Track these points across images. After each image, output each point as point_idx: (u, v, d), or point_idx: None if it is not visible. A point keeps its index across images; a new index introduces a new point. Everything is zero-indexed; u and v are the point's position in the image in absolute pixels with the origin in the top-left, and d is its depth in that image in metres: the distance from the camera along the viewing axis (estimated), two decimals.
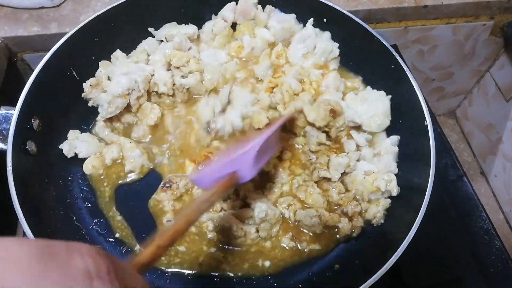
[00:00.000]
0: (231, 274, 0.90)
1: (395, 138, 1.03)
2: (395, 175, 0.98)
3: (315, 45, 1.14)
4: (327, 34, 1.16)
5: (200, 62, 1.08)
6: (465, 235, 1.10)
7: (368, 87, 1.12)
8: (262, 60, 1.12)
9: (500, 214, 1.66)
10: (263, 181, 0.98)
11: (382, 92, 1.08)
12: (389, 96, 1.06)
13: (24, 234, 0.78)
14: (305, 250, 0.93)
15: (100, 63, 1.05)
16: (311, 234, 0.94)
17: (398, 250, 0.80)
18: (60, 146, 0.97)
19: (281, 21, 1.17)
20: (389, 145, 1.01)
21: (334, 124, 1.02)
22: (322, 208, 0.94)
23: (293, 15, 1.18)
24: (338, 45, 1.15)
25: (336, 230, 0.94)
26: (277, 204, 0.96)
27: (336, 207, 0.96)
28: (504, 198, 1.67)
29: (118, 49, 1.09)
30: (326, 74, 1.12)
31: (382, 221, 0.95)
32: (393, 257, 0.79)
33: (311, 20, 1.16)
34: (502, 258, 1.07)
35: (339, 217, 0.93)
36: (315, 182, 0.99)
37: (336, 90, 1.10)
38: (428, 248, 1.01)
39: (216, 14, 1.18)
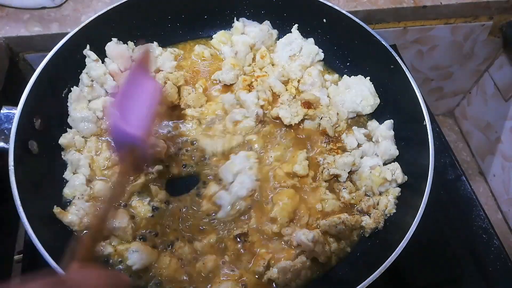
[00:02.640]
0: None
1: (389, 123, 1.05)
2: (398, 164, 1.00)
3: (301, 47, 1.17)
4: (311, 40, 1.19)
5: None
6: (464, 234, 1.10)
7: (345, 76, 1.15)
8: (224, 65, 1.13)
9: (498, 214, 1.67)
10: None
11: (360, 76, 1.12)
12: (368, 77, 1.11)
13: (26, 233, 0.78)
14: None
15: None
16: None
17: (401, 243, 0.80)
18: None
19: (257, 26, 1.19)
20: (385, 130, 1.04)
21: (315, 114, 1.05)
22: (343, 212, 0.95)
23: (267, 22, 1.20)
24: (322, 50, 1.18)
25: (361, 230, 0.95)
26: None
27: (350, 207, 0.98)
28: (503, 198, 1.67)
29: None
30: (309, 72, 1.13)
31: (394, 210, 0.95)
32: (394, 253, 0.79)
33: (296, 26, 1.18)
34: (501, 257, 1.07)
35: (360, 216, 0.95)
36: (325, 181, 1.00)
37: (321, 86, 1.13)
38: (427, 247, 1.02)
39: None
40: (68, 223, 0.88)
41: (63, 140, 0.97)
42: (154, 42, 1.15)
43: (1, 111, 0.89)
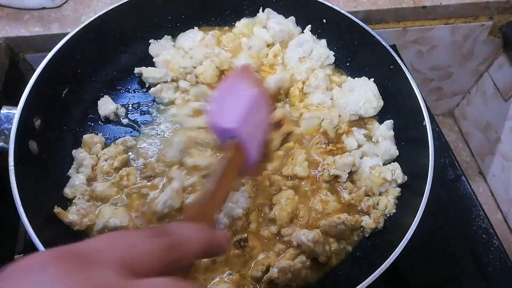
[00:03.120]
0: None
1: (389, 123, 1.05)
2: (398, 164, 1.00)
3: (312, 50, 1.16)
4: (324, 42, 1.18)
5: None
6: (463, 234, 1.10)
7: (349, 78, 1.15)
8: (240, 54, 1.13)
9: (498, 214, 1.67)
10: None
11: (364, 78, 1.12)
12: (372, 79, 1.11)
13: (26, 233, 0.78)
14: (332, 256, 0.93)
15: None
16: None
17: (401, 243, 0.80)
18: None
19: (279, 23, 1.19)
20: (385, 130, 1.04)
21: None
22: (343, 213, 0.94)
23: (292, 18, 1.19)
24: (333, 52, 1.18)
25: (361, 230, 0.95)
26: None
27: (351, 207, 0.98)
28: (503, 198, 1.67)
29: None
30: (316, 74, 1.13)
31: (394, 210, 0.95)
32: (394, 252, 0.79)
33: (309, 26, 1.18)
34: (501, 257, 1.08)
35: (360, 216, 0.95)
36: (326, 182, 1.00)
37: (326, 89, 1.12)
38: (427, 247, 1.02)
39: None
40: (69, 223, 0.88)
41: (87, 137, 0.99)
42: (195, 27, 1.16)
43: (1, 111, 0.89)
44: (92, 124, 1.05)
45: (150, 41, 1.15)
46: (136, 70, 1.11)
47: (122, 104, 1.09)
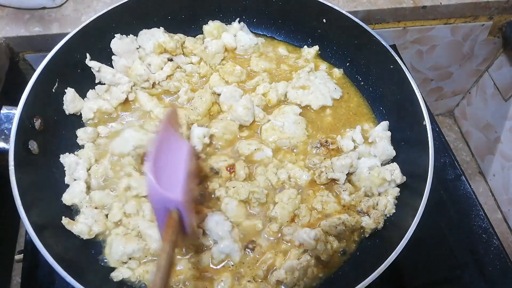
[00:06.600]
0: None
1: (384, 124, 1.05)
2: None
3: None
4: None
5: None
6: (463, 234, 1.10)
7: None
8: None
9: (498, 213, 1.67)
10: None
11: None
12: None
13: (26, 233, 0.78)
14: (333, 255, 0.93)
15: None
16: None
17: (401, 243, 0.80)
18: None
19: (250, 39, 1.19)
20: (381, 131, 1.04)
21: None
22: (343, 213, 0.95)
23: (261, 39, 1.21)
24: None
25: (361, 230, 0.95)
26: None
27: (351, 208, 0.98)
28: (503, 198, 1.67)
29: None
30: None
31: (393, 210, 0.95)
32: (394, 252, 0.79)
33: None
34: (500, 256, 1.08)
35: (360, 217, 0.95)
36: (323, 184, 0.99)
37: None
38: (427, 246, 1.02)
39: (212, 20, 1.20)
40: (79, 232, 0.87)
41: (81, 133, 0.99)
42: (161, 27, 1.14)
43: (1, 111, 0.89)
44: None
45: (116, 35, 1.09)
46: (93, 64, 1.05)
47: None
